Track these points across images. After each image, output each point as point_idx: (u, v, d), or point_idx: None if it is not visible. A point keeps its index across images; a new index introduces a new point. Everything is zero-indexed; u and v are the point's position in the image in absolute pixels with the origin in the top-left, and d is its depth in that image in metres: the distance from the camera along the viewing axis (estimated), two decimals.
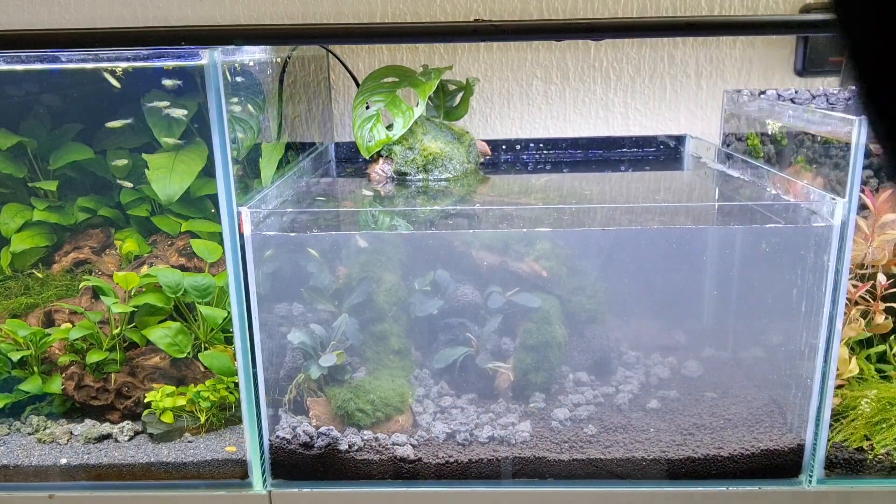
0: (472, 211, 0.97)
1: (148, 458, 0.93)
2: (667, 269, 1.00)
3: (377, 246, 1.04)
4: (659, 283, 1.01)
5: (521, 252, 1.06)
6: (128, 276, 0.97)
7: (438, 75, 1.10)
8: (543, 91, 1.31)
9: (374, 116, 1.07)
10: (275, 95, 1.06)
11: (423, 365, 1.05)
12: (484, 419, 0.97)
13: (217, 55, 0.81)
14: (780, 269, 0.95)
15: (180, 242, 1.04)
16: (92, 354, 0.98)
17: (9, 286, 1.05)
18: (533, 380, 1.01)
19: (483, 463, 0.92)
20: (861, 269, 0.93)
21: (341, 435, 0.93)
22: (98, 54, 0.84)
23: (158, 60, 0.85)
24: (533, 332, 1.02)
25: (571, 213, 0.92)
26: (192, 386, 0.99)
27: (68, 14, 1.29)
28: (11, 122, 1.03)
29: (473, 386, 1.03)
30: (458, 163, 1.10)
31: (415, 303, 1.04)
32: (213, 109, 0.82)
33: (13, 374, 1.01)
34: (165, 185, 0.96)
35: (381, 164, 1.10)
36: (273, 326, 0.98)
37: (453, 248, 1.06)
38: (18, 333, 0.99)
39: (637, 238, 1.00)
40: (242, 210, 0.86)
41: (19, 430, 0.99)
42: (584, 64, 1.30)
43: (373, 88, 1.09)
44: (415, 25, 0.99)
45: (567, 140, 1.30)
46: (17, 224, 1.03)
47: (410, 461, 0.92)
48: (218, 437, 0.97)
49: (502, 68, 1.30)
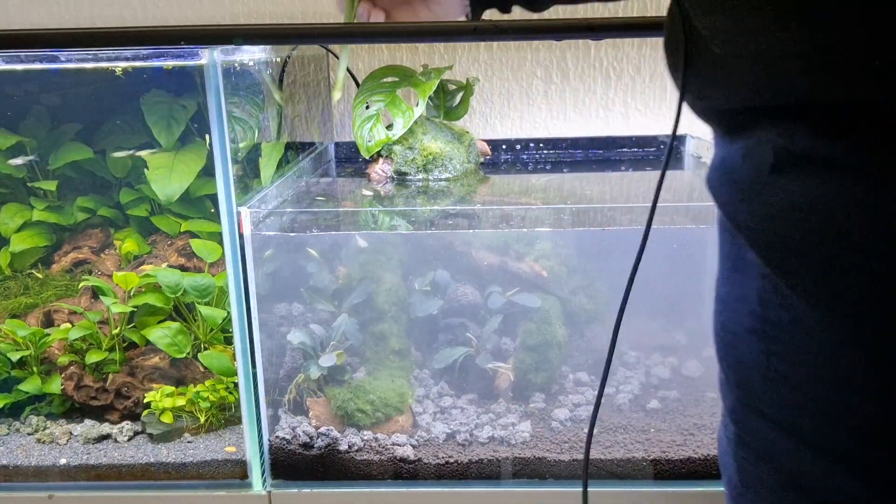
0: (472, 211, 0.97)
1: (147, 459, 0.93)
2: (667, 270, 1.00)
3: (377, 246, 1.04)
4: (659, 283, 1.01)
5: (521, 252, 1.06)
6: (127, 276, 0.97)
7: (439, 75, 1.10)
8: (543, 91, 1.31)
9: (374, 116, 1.07)
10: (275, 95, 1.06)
11: (423, 365, 1.05)
12: (484, 419, 0.97)
13: (217, 55, 0.81)
14: None
15: (180, 242, 1.04)
16: (91, 354, 0.98)
17: (8, 286, 1.04)
18: (533, 380, 1.01)
19: (483, 463, 0.92)
20: None
21: (341, 435, 0.93)
22: (98, 54, 0.84)
23: (158, 60, 0.85)
24: (533, 333, 1.01)
25: (571, 213, 0.91)
26: (192, 386, 0.98)
27: (68, 14, 1.29)
28: (11, 122, 1.03)
29: (473, 386, 1.03)
30: (458, 163, 1.10)
31: (415, 303, 1.04)
32: (213, 109, 0.82)
33: (13, 375, 1.01)
34: (165, 184, 0.96)
35: (381, 164, 1.10)
36: (273, 326, 0.98)
37: (453, 248, 1.06)
38: (18, 333, 0.99)
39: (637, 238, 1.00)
40: (242, 210, 0.86)
41: (19, 431, 0.99)
42: (584, 64, 1.29)
43: (373, 88, 1.09)
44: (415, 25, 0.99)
45: (567, 140, 1.30)
46: (17, 224, 1.03)
47: (410, 461, 0.92)
48: (217, 437, 0.97)
49: (502, 68, 1.30)
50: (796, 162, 0.41)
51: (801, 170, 0.41)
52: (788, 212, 0.41)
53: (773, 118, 0.43)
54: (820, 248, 0.40)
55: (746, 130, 0.45)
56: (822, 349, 0.41)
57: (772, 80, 0.41)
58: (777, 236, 0.42)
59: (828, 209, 0.39)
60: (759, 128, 0.44)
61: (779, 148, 0.42)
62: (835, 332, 0.40)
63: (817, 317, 0.41)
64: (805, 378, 0.42)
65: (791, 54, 0.39)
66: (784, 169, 0.42)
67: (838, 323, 0.40)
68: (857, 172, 0.39)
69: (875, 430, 0.40)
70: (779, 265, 0.43)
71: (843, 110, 0.39)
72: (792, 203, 0.41)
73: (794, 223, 0.41)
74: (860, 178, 0.39)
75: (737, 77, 0.44)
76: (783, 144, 0.42)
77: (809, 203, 0.40)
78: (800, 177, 0.41)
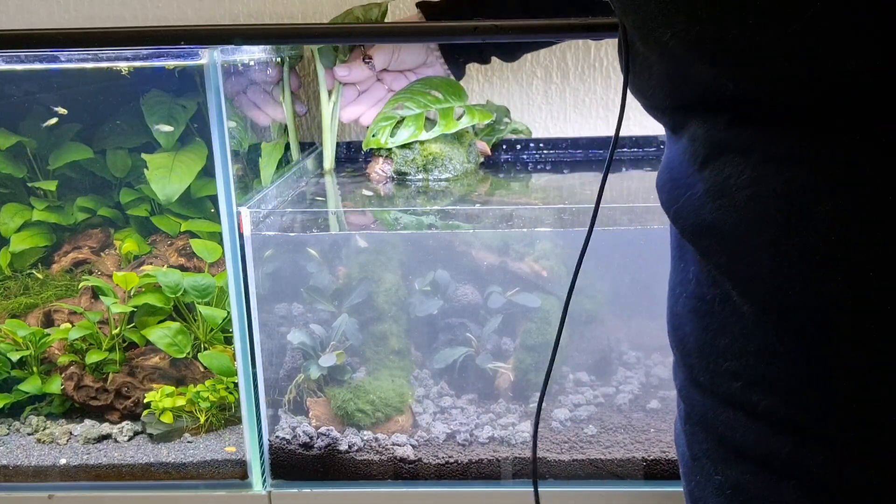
0: (472, 211, 0.97)
1: (147, 459, 0.93)
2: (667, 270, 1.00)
3: (377, 246, 1.04)
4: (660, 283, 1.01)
5: (521, 252, 1.06)
6: (127, 276, 0.97)
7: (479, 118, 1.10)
8: (543, 91, 1.31)
9: (394, 119, 1.06)
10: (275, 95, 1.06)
11: (422, 365, 1.05)
12: (484, 419, 0.97)
13: (217, 55, 0.81)
14: None
15: (180, 242, 1.04)
16: (91, 354, 0.98)
17: (8, 286, 1.04)
18: (533, 380, 1.01)
19: (483, 463, 0.92)
20: None
21: (341, 435, 0.93)
22: (98, 54, 0.84)
23: (158, 60, 0.85)
24: (533, 333, 1.01)
25: (571, 213, 0.91)
26: (192, 386, 0.98)
27: (68, 14, 1.29)
28: (10, 122, 1.03)
29: (473, 386, 1.03)
30: (458, 163, 1.10)
31: (415, 303, 1.04)
32: (213, 109, 0.82)
33: (12, 375, 1.01)
34: (165, 184, 0.96)
35: (381, 164, 1.10)
36: (273, 326, 0.98)
37: (453, 248, 1.06)
38: (18, 333, 0.99)
39: (637, 238, 1.00)
40: (242, 210, 0.86)
41: (18, 431, 0.99)
42: (584, 64, 1.29)
43: (416, 93, 1.07)
44: (415, 25, 0.99)
45: (567, 140, 1.30)
46: (17, 224, 1.03)
47: (410, 461, 0.92)
48: (217, 437, 0.97)
49: (502, 68, 1.30)
50: (717, 153, 0.46)
51: (720, 159, 0.45)
52: (709, 198, 0.45)
53: (696, 112, 0.47)
54: (736, 229, 0.44)
55: (683, 128, 0.49)
56: (743, 320, 0.46)
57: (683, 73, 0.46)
58: (700, 221, 0.46)
59: (740, 191, 0.44)
60: (691, 124, 0.48)
61: (702, 141, 0.47)
62: (752, 304, 0.45)
63: (737, 291, 0.45)
64: (733, 349, 0.47)
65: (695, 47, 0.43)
66: (707, 161, 0.46)
67: (753, 295, 0.45)
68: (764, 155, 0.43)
69: (794, 390, 0.44)
70: (703, 248, 0.47)
71: (751, 101, 0.43)
72: (712, 191, 0.45)
73: (713, 208, 0.45)
74: (766, 160, 0.43)
75: (657, 69, 0.48)
76: (705, 136, 0.46)
77: (725, 188, 0.44)
78: (719, 165, 0.45)
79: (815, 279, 0.41)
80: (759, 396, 0.46)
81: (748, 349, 0.46)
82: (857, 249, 0.40)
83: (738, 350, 0.46)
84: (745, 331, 0.46)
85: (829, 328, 0.42)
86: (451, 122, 1.07)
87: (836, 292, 0.41)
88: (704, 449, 0.51)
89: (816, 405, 0.43)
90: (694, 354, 0.50)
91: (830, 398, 0.43)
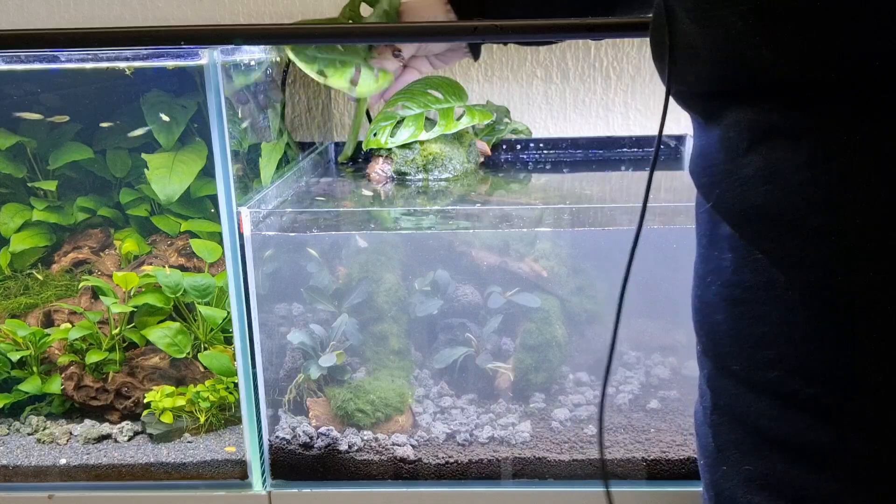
0: (472, 211, 0.97)
1: (147, 459, 0.93)
2: (667, 270, 1.00)
3: (377, 246, 1.04)
4: (660, 283, 1.01)
5: (521, 252, 1.06)
6: (127, 276, 0.97)
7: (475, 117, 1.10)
8: (543, 91, 1.31)
9: (395, 119, 1.06)
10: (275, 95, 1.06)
11: (423, 365, 1.05)
12: (484, 419, 0.97)
13: (217, 55, 0.81)
14: None
15: (180, 242, 1.04)
16: (91, 354, 0.98)
17: (8, 286, 1.04)
18: (533, 380, 1.01)
19: (483, 463, 0.92)
20: None
21: (341, 435, 0.93)
22: (98, 54, 0.84)
23: (158, 60, 0.85)
24: (533, 333, 1.01)
25: (571, 213, 0.91)
26: (192, 386, 0.98)
27: (68, 14, 1.29)
28: (10, 122, 1.03)
29: (473, 386, 1.03)
30: (458, 163, 1.10)
31: (415, 303, 1.04)
32: (213, 109, 0.82)
33: (12, 375, 1.01)
34: (165, 184, 0.96)
35: (381, 164, 1.10)
36: (273, 326, 0.97)
37: (453, 248, 1.06)
38: (18, 333, 0.99)
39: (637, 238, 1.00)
40: (242, 210, 0.86)
41: (18, 431, 0.99)
42: (584, 64, 1.29)
43: (416, 93, 1.07)
44: (415, 25, 0.99)
45: (567, 140, 1.30)
46: (17, 224, 1.03)
47: (410, 461, 0.92)
48: (217, 437, 0.97)
49: (502, 68, 1.30)
50: (764, 137, 0.45)
51: (768, 143, 0.45)
52: (758, 183, 0.45)
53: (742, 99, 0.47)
54: (786, 212, 0.44)
55: (721, 117, 0.49)
56: (788, 306, 0.45)
57: (738, 56, 0.45)
58: (748, 205, 0.46)
59: (793, 175, 0.43)
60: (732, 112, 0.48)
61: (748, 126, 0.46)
62: (799, 290, 0.44)
63: (784, 276, 0.45)
64: (772, 337, 0.46)
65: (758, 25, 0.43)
66: (753, 146, 0.46)
67: (803, 280, 0.44)
68: (818, 140, 0.43)
69: (837, 378, 0.44)
70: (749, 232, 0.47)
71: (804, 85, 0.43)
72: (761, 174, 0.45)
73: (763, 192, 0.45)
74: (820, 145, 0.43)
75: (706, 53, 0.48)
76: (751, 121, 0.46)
77: (775, 172, 0.44)
78: (767, 150, 0.45)
79: (865, 265, 0.41)
80: (799, 385, 0.45)
81: (792, 336, 0.45)
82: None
83: (778, 338, 0.46)
84: (788, 318, 0.45)
85: (877, 316, 0.42)
86: (452, 123, 1.07)
87: (887, 279, 0.41)
88: (732, 439, 0.51)
89: (860, 394, 0.43)
90: (726, 343, 0.50)
91: (875, 387, 0.43)
